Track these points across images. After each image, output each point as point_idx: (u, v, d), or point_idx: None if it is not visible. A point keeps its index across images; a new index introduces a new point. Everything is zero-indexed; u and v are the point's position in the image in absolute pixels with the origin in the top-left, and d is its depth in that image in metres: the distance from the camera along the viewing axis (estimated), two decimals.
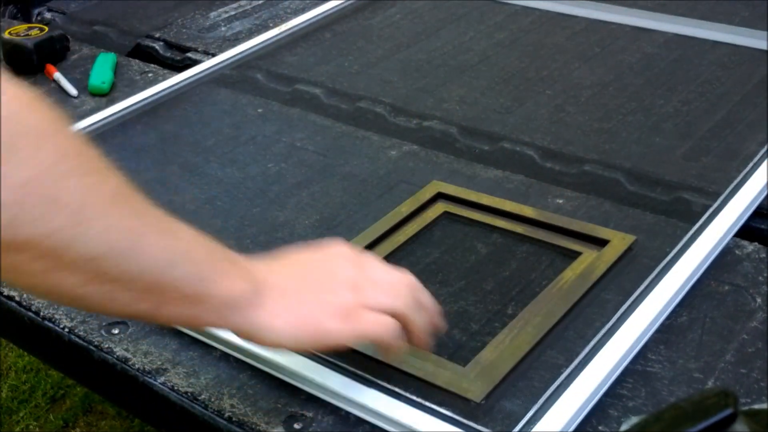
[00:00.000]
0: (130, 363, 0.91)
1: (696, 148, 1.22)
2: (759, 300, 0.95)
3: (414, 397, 0.83)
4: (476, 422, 0.81)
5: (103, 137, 1.32)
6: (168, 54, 1.60)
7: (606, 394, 0.84)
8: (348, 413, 0.83)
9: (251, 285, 0.72)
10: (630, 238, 1.03)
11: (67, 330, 0.97)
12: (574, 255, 1.02)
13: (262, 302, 0.73)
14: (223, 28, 1.69)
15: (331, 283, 0.77)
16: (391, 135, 1.31)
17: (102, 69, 1.49)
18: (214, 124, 1.36)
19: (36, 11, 1.79)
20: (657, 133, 1.26)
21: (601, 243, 1.03)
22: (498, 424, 0.81)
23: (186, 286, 0.68)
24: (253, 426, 0.83)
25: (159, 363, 0.91)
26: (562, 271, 0.99)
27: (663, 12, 1.61)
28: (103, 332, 0.95)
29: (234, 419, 0.84)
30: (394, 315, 0.78)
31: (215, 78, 1.48)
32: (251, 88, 1.45)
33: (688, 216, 1.08)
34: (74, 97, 1.46)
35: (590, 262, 1.00)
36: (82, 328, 0.96)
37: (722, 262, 1.01)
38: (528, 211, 1.09)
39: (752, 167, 1.14)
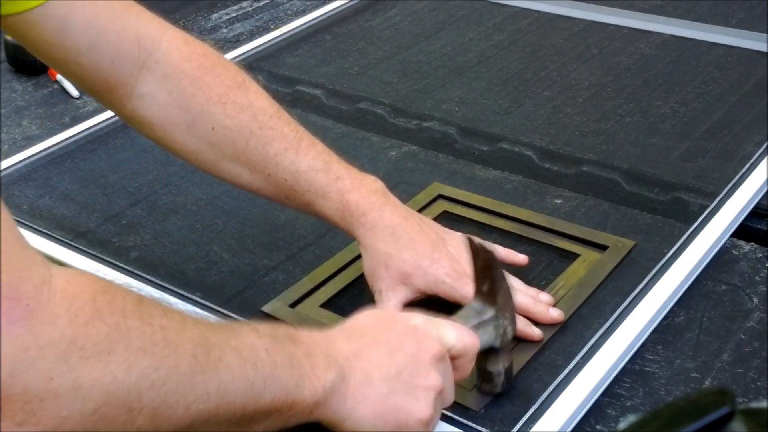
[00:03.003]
0: None
1: (693, 149, 1.23)
2: (756, 300, 0.96)
3: None
4: (475, 422, 0.81)
5: (105, 138, 1.33)
6: None
7: (604, 394, 0.85)
8: None
9: (336, 371, 0.70)
10: (629, 243, 1.03)
11: None
12: (573, 256, 1.02)
13: (346, 388, 0.70)
14: (224, 30, 1.69)
15: (416, 377, 0.73)
16: (390, 136, 1.31)
17: None
18: None
19: None
20: (654, 134, 1.27)
21: (601, 247, 1.04)
22: (497, 423, 0.82)
23: (275, 405, 0.66)
24: None
25: None
26: (560, 273, 1.00)
27: (660, 14, 1.62)
28: None
29: None
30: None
31: None
32: None
33: (686, 216, 1.09)
34: (76, 98, 1.46)
35: (589, 269, 1.00)
36: None
37: (719, 262, 1.01)
38: (528, 215, 1.09)
39: (749, 168, 1.15)
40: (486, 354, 0.82)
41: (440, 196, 1.14)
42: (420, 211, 1.10)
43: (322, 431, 0.73)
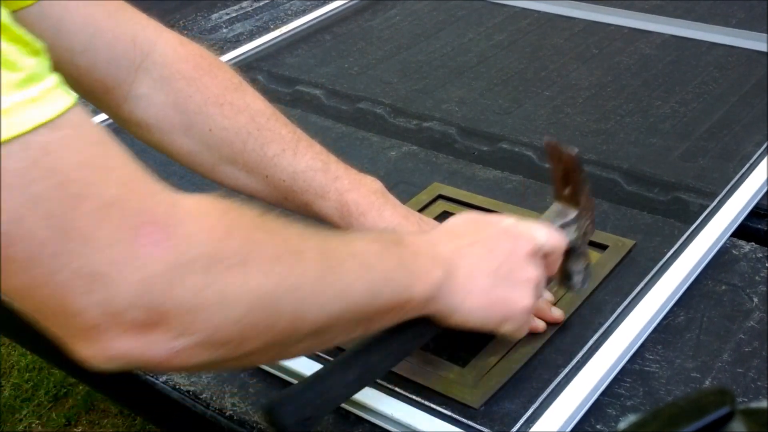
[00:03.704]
0: None
1: (693, 149, 1.23)
2: (756, 300, 0.95)
3: (413, 397, 0.84)
4: (475, 422, 0.81)
5: None
6: None
7: (604, 394, 0.85)
8: (348, 412, 0.84)
9: (444, 268, 0.75)
10: (629, 243, 1.03)
11: None
12: None
13: (453, 284, 0.75)
14: (224, 30, 1.69)
15: (515, 272, 0.79)
16: (390, 136, 1.31)
17: None
18: None
19: None
20: (654, 134, 1.27)
21: (601, 247, 1.03)
22: (497, 423, 0.82)
23: (391, 304, 0.71)
24: (254, 424, 0.84)
25: None
26: None
27: (660, 14, 1.62)
28: None
29: (235, 418, 0.84)
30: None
31: None
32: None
33: (686, 216, 1.09)
34: None
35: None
36: None
37: (719, 262, 1.01)
38: (528, 215, 1.09)
39: (749, 167, 1.15)
40: (566, 254, 0.86)
41: (440, 196, 1.14)
42: (420, 211, 1.10)
43: None
